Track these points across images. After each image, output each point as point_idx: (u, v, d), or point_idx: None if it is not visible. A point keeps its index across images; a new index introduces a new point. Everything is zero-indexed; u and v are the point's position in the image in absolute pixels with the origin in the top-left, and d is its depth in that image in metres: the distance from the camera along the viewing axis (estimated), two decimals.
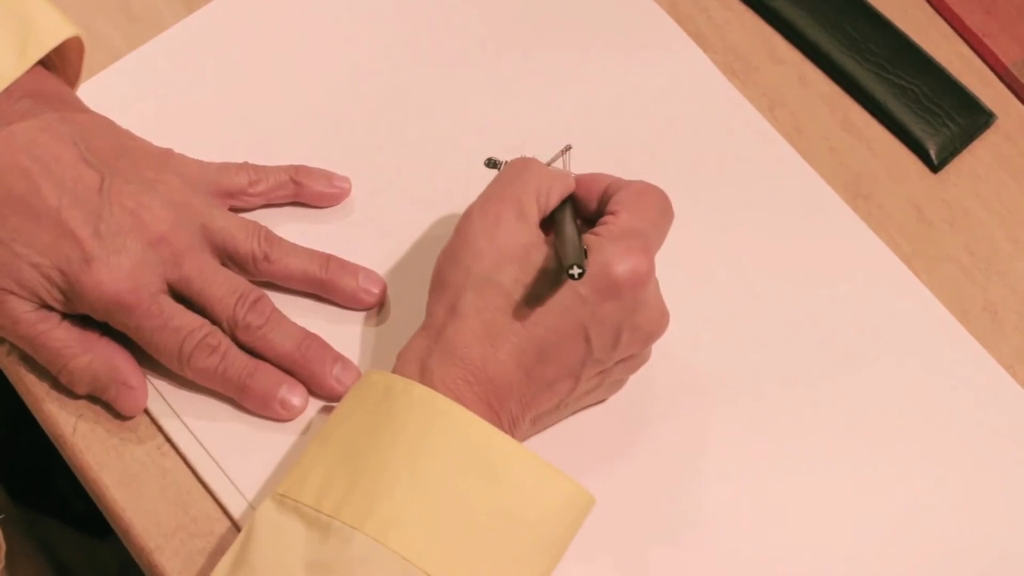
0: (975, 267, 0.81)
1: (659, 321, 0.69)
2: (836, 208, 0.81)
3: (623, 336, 0.68)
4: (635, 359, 0.71)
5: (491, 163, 0.80)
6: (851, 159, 0.83)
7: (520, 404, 0.67)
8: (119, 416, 0.73)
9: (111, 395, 0.72)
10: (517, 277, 0.67)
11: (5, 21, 0.73)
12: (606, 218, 0.69)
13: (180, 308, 0.71)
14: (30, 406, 0.74)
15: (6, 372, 0.74)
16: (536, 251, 0.68)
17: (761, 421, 0.75)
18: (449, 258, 0.69)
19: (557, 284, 0.67)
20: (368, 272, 0.76)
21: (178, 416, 0.73)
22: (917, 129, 0.83)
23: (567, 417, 0.73)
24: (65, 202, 0.69)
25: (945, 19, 0.87)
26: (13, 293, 0.69)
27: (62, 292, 0.69)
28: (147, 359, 0.72)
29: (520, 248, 0.68)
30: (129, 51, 0.82)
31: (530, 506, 0.65)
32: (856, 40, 0.85)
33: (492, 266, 0.67)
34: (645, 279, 0.67)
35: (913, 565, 0.73)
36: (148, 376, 0.73)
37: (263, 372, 0.72)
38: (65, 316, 0.71)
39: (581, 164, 0.81)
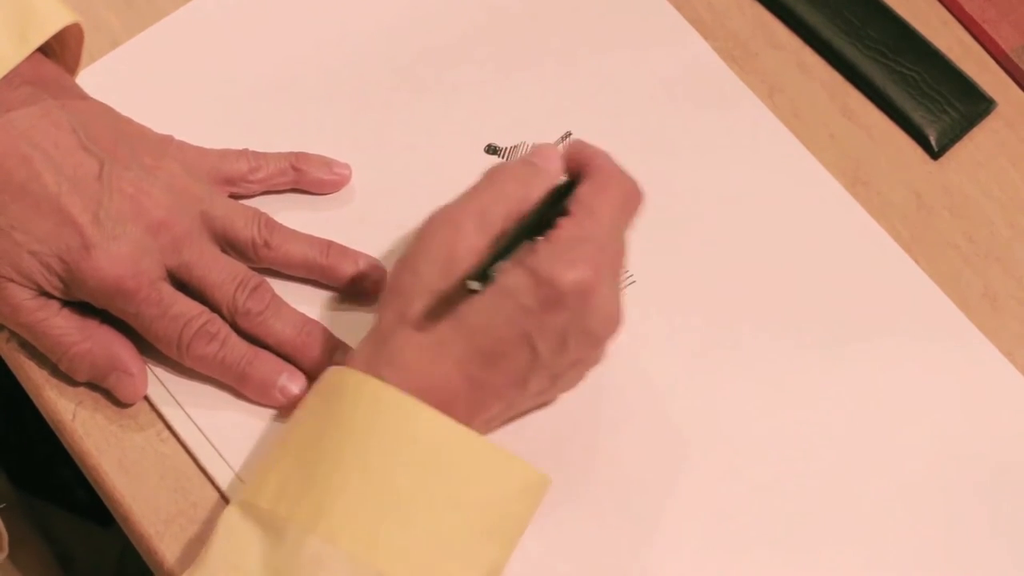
0: (975, 254, 0.81)
1: (608, 325, 0.68)
2: (835, 195, 0.81)
3: (570, 343, 0.67)
4: (586, 362, 0.70)
5: (491, 149, 0.80)
6: (851, 146, 0.83)
7: (467, 411, 0.67)
8: (119, 403, 0.73)
9: (111, 382, 0.72)
10: (460, 287, 0.66)
11: (5, 7, 0.73)
12: (559, 221, 0.67)
13: (180, 295, 0.71)
14: (30, 393, 0.74)
15: (6, 359, 0.74)
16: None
17: (758, 407, 0.75)
18: (404, 263, 0.68)
19: (500, 296, 0.66)
20: (368, 258, 0.76)
21: (178, 403, 0.73)
22: (917, 115, 0.83)
23: (519, 417, 0.73)
24: (64, 189, 0.69)
25: (945, 5, 0.87)
26: (12, 280, 0.69)
27: (61, 279, 0.69)
28: (147, 346, 0.72)
29: (473, 258, 0.66)
30: (129, 38, 0.82)
31: (481, 491, 0.65)
32: (856, 26, 0.85)
33: (441, 275, 0.66)
34: (591, 288, 0.65)
35: (906, 549, 0.73)
36: (148, 363, 0.73)
37: (262, 360, 0.72)
38: (65, 303, 0.71)
39: None
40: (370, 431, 0.64)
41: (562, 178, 0.70)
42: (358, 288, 0.75)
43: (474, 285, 0.64)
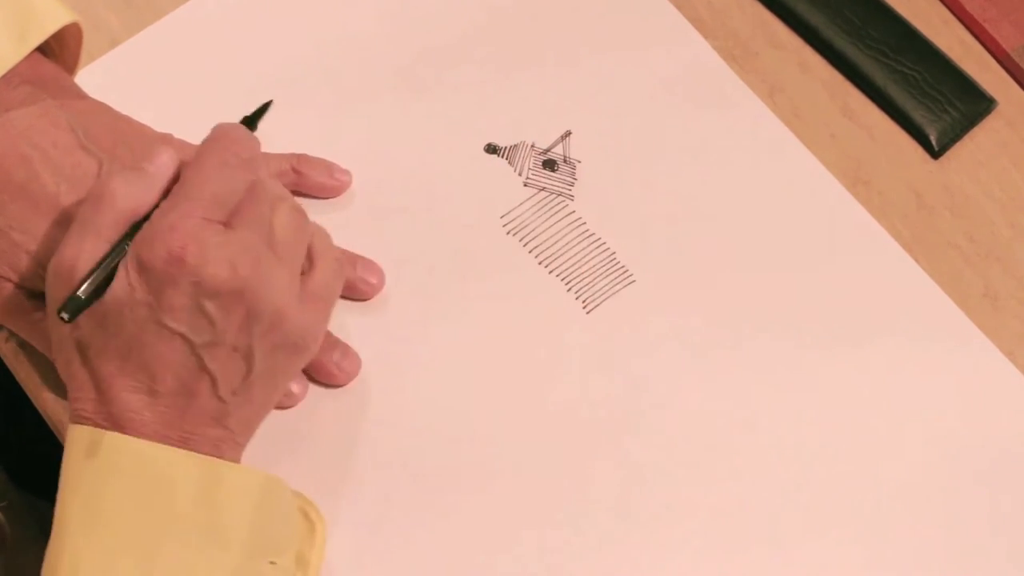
0: (975, 253, 0.81)
1: (233, 276, 0.64)
2: (836, 194, 0.81)
3: (208, 309, 0.64)
4: (258, 321, 0.65)
5: (491, 148, 0.80)
6: (851, 145, 0.83)
7: (171, 425, 0.65)
8: None
9: None
10: (89, 325, 0.65)
11: (4, 7, 0.73)
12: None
13: None
14: (29, 393, 0.74)
15: (5, 359, 0.74)
16: None
17: (758, 405, 0.75)
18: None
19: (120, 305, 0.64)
20: (367, 262, 0.76)
21: None
22: (917, 115, 0.83)
23: (272, 402, 0.70)
24: (63, 189, 0.69)
25: (946, 5, 0.87)
26: (11, 281, 0.69)
27: None
28: None
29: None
30: (128, 37, 0.82)
31: (200, 508, 0.64)
32: (856, 26, 0.85)
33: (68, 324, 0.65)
34: (181, 253, 0.63)
35: (907, 548, 0.73)
36: None
37: None
38: None
39: (581, 149, 0.81)
40: (79, 484, 0.64)
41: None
42: (356, 291, 0.76)
43: (64, 316, 0.63)
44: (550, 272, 0.78)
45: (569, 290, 0.78)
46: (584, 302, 0.77)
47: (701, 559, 0.72)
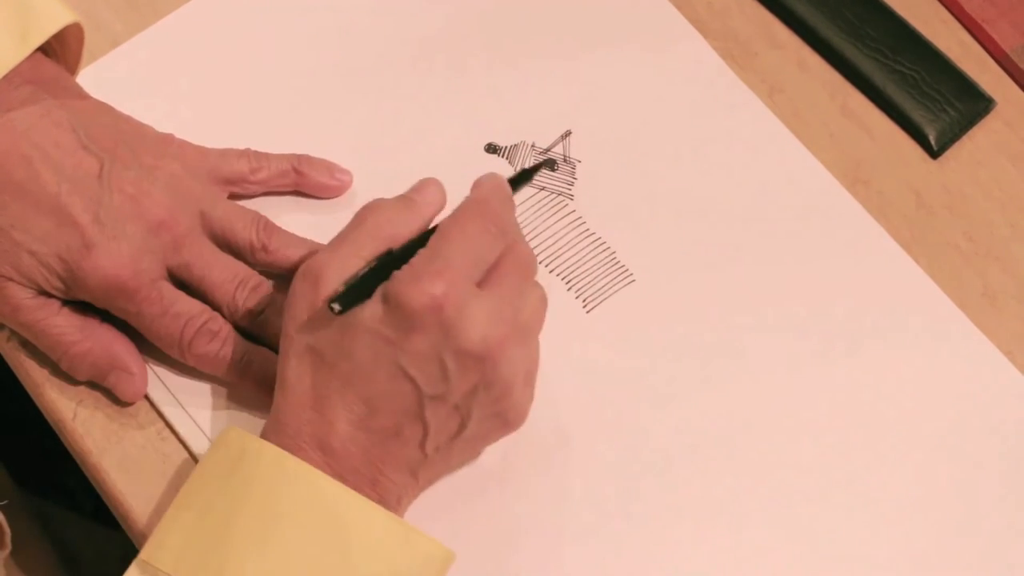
0: (974, 253, 0.81)
1: (483, 342, 0.65)
2: (835, 194, 0.81)
3: (448, 364, 0.65)
4: (487, 389, 0.66)
5: (491, 148, 0.80)
6: (850, 145, 0.83)
7: (369, 463, 0.66)
8: (119, 402, 0.73)
9: (111, 381, 0.72)
10: (328, 336, 0.66)
11: (5, 7, 0.73)
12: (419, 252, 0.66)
13: (180, 294, 0.71)
14: (30, 392, 0.74)
15: (6, 358, 0.74)
16: None
17: (754, 408, 0.76)
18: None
19: (361, 332, 0.65)
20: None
21: (178, 402, 0.73)
22: (916, 115, 0.83)
23: (462, 465, 0.72)
24: (65, 189, 0.69)
25: (944, 5, 0.87)
26: (12, 280, 0.69)
27: (61, 279, 0.69)
28: (147, 345, 0.72)
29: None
30: (129, 37, 0.82)
31: (381, 567, 0.64)
32: (855, 26, 0.85)
33: (307, 328, 0.66)
34: (442, 301, 0.64)
35: (906, 549, 0.73)
36: (148, 362, 0.73)
37: (264, 357, 0.72)
38: (65, 303, 0.71)
39: (581, 149, 0.81)
40: (274, 499, 0.64)
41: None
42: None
43: (335, 307, 0.63)
44: (550, 271, 0.78)
45: (569, 289, 0.78)
46: (584, 301, 0.77)
47: (701, 559, 0.72)
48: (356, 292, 0.65)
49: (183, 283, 0.72)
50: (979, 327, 0.78)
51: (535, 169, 0.74)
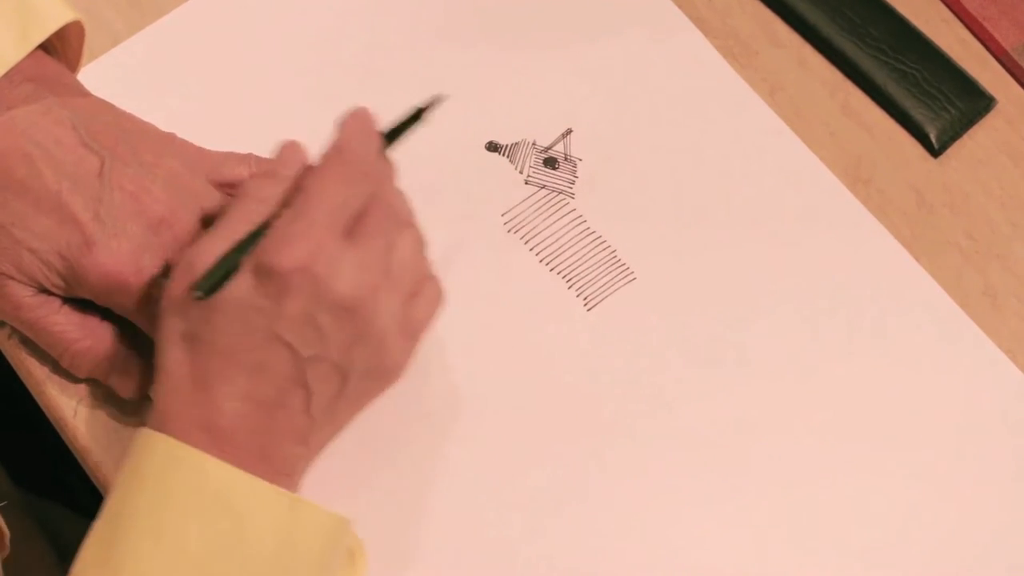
0: (975, 251, 0.81)
1: (354, 293, 0.64)
2: (836, 193, 0.81)
3: (322, 322, 0.64)
4: (363, 342, 0.66)
5: (492, 146, 0.80)
6: (851, 144, 0.83)
7: (258, 438, 0.65)
8: (120, 400, 0.73)
9: (112, 379, 0.72)
10: (201, 318, 0.65)
11: (6, 5, 0.73)
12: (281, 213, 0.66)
13: None
14: (31, 390, 0.74)
15: (7, 356, 0.74)
16: None
17: (755, 406, 0.76)
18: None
19: (234, 307, 0.64)
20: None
21: None
22: (917, 113, 0.83)
23: (346, 425, 0.70)
24: (65, 186, 0.69)
25: (945, 3, 0.87)
26: (13, 278, 0.69)
27: (62, 277, 0.69)
28: (148, 343, 0.72)
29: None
30: (130, 35, 0.82)
31: (273, 541, 0.64)
32: (856, 24, 0.85)
33: (179, 314, 0.65)
34: (308, 261, 0.63)
35: (909, 550, 0.73)
36: (149, 359, 0.73)
37: None
38: (66, 301, 0.71)
39: (582, 148, 0.81)
40: (161, 492, 0.64)
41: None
42: None
43: (197, 293, 0.63)
44: (551, 270, 0.78)
45: (570, 288, 0.78)
46: (585, 300, 0.77)
47: (701, 559, 0.72)
48: (221, 273, 0.64)
49: None
50: (980, 326, 0.79)
51: (412, 120, 0.70)
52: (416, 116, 0.70)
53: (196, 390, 0.64)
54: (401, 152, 0.80)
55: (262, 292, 0.63)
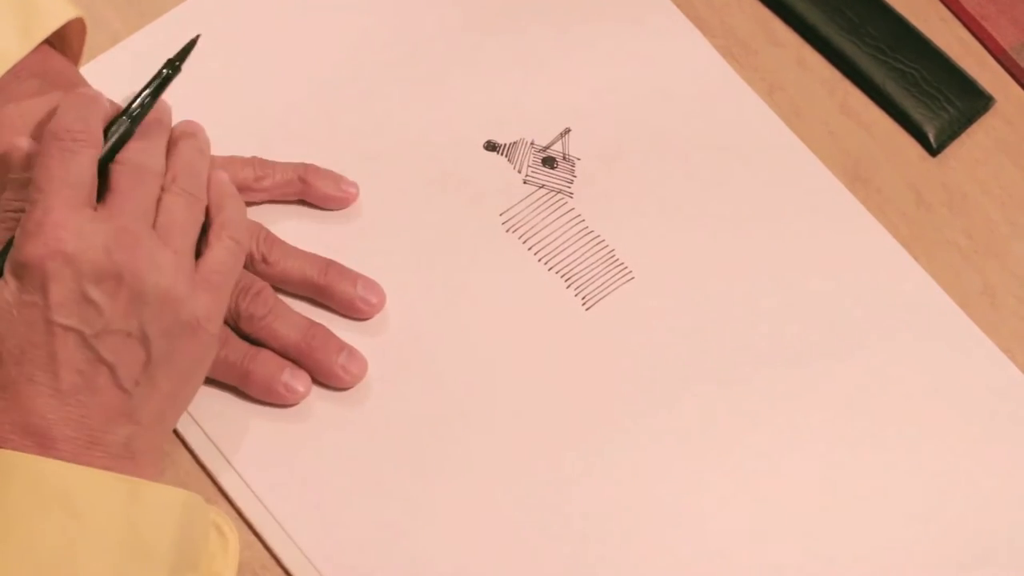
0: (974, 251, 0.81)
1: (110, 258, 0.64)
2: (835, 192, 0.81)
3: (93, 296, 0.64)
4: (144, 302, 0.65)
5: (490, 146, 0.80)
6: (850, 143, 0.83)
7: (78, 426, 0.64)
8: None
9: None
10: None
11: (8, 3, 0.73)
12: None
13: None
14: None
15: None
16: None
17: (755, 406, 0.76)
18: None
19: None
20: (368, 281, 0.75)
21: None
22: (916, 113, 0.83)
23: (188, 389, 0.69)
24: None
25: (944, 3, 0.87)
26: None
27: None
28: None
29: None
30: (129, 34, 0.82)
31: (117, 527, 0.63)
32: (855, 23, 0.85)
33: None
34: (57, 244, 0.63)
35: (909, 546, 0.73)
36: None
37: (265, 358, 0.72)
38: None
39: (580, 147, 0.81)
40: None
41: None
42: (355, 310, 0.75)
43: None
44: (549, 269, 0.78)
45: (568, 287, 0.78)
46: (583, 299, 0.78)
47: (701, 557, 0.72)
48: None
49: None
50: (978, 325, 0.79)
51: (164, 80, 0.71)
52: (169, 69, 0.71)
53: (3, 399, 0.64)
54: (401, 151, 0.80)
55: (27, 288, 0.63)
